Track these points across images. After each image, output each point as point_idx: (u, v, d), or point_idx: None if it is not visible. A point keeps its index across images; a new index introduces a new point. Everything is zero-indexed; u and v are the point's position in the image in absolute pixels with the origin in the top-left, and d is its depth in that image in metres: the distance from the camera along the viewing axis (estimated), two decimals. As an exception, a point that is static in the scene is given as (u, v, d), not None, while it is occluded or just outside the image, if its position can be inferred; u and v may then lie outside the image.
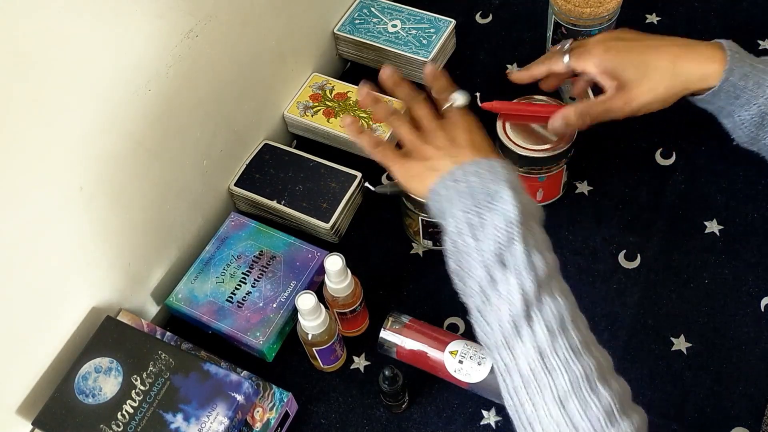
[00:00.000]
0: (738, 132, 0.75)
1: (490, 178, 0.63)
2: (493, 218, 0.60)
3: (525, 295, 0.58)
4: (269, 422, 0.77)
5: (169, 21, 0.78)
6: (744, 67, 0.71)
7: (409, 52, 1.05)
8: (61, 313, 0.78)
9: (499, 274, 0.59)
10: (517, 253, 0.59)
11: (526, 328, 0.57)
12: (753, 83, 0.71)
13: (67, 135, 0.70)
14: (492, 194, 0.61)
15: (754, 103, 0.71)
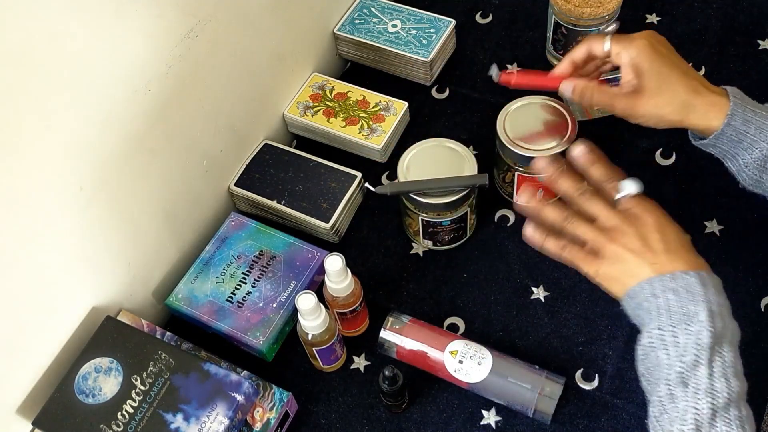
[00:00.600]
0: (742, 175, 0.77)
1: (688, 297, 0.64)
2: (686, 340, 0.62)
3: (698, 419, 0.59)
4: (269, 422, 0.77)
5: (169, 21, 0.78)
6: (746, 113, 0.73)
7: (409, 52, 1.05)
8: (62, 313, 0.78)
9: (680, 392, 0.61)
10: (700, 376, 0.61)
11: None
12: (755, 128, 0.73)
13: (67, 135, 0.70)
14: (689, 316, 0.63)
15: (756, 147, 0.73)
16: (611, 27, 0.78)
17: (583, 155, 0.74)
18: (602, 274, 0.70)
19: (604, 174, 0.73)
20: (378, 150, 0.99)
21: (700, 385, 0.60)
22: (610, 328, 0.84)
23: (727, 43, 1.06)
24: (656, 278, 0.65)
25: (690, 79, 0.76)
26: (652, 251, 0.67)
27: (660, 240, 0.68)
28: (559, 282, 0.88)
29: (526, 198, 0.75)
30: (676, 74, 0.76)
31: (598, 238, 0.70)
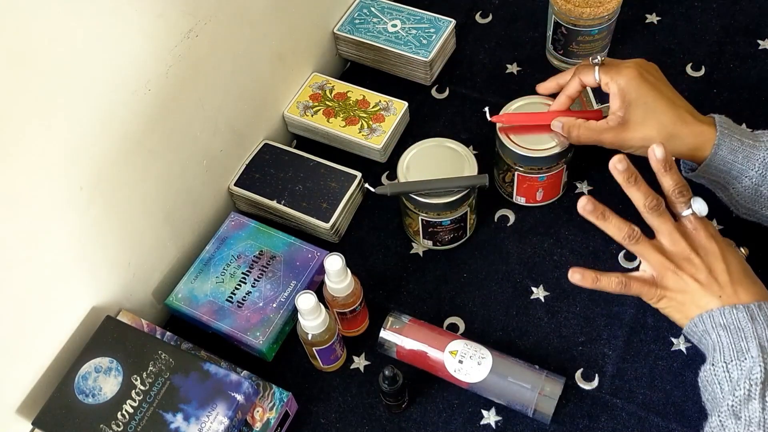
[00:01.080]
0: (735, 205, 0.77)
1: (746, 334, 0.64)
2: (740, 373, 0.63)
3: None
4: (269, 422, 0.77)
5: (169, 21, 0.78)
6: (732, 142, 0.73)
7: (409, 52, 1.05)
8: (61, 313, 0.78)
9: (731, 424, 0.61)
10: (752, 409, 0.61)
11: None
12: (742, 157, 0.73)
13: (66, 135, 0.70)
14: (743, 351, 0.63)
15: (745, 176, 0.73)
16: (598, 59, 0.79)
17: (660, 158, 0.71)
18: (666, 305, 0.70)
19: (677, 184, 0.71)
20: (378, 150, 0.99)
21: (752, 418, 0.60)
22: (610, 328, 0.84)
23: (727, 43, 1.06)
24: (718, 311, 0.66)
25: (677, 109, 0.76)
26: (718, 283, 0.68)
27: (725, 271, 0.68)
28: (559, 282, 0.88)
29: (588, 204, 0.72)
30: (662, 104, 0.76)
31: (664, 264, 0.70)
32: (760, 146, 0.73)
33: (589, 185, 0.95)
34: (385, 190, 0.86)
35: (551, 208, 0.94)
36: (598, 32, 0.99)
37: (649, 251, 0.71)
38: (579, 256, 0.90)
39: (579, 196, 0.95)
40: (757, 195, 0.73)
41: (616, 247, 0.90)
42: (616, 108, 0.78)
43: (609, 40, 1.03)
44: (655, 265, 0.71)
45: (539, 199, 0.93)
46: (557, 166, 0.88)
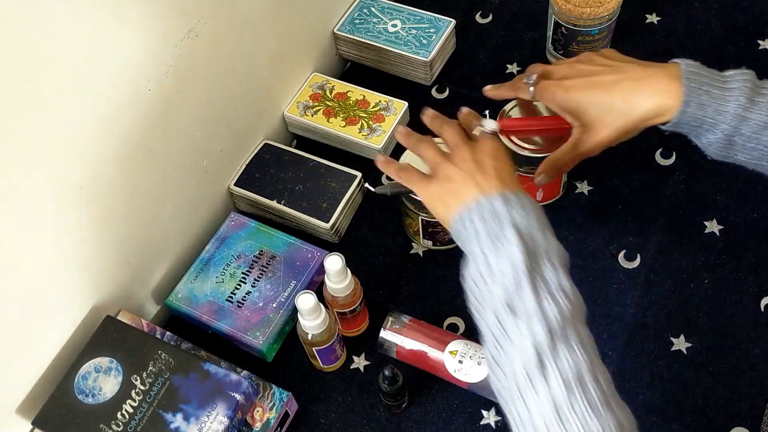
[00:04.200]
0: (709, 151, 0.75)
1: (501, 217, 0.61)
2: (500, 263, 0.59)
3: (537, 345, 0.55)
4: (269, 422, 0.77)
5: (169, 21, 0.78)
6: (701, 96, 0.70)
7: (409, 52, 1.05)
8: (61, 313, 0.78)
9: (510, 322, 0.57)
10: (526, 299, 0.57)
11: (539, 379, 0.55)
12: (712, 111, 0.70)
13: (66, 135, 0.70)
14: (499, 236, 0.60)
15: (716, 128, 0.71)
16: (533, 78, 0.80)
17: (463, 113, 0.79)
18: (430, 194, 0.70)
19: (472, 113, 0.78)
20: (378, 150, 0.99)
21: (529, 309, 0.57)
22: (610, 328, 0.85)
23: (727, 43, 1.06)
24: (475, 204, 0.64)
25: (623, 83, 0.73)
26: (481, 172, 0.67)
27: (492, 165, 0.68)
28: (559, 282, 0.88)
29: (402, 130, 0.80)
30: (606, 92, 0.74)
31: (437, 158, 0.71)
32: (729, 98, 0.69)
33: (589, 185, 0.95)
34: (385, 190, 0.85)
35: (551, 208, 0.94)
36: (598, 32, 0.99)
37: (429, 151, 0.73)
38: (579, 256, 0.90)
39: (579, 196, 0.95)
40: (730, 144, 0.71)
41: (616, 247, 0.90)
42: (570, 120, 0.77)
43: (609, 40, 1.03)
44: (431, 160, 0.72)
45: (540, 199, 0.93)
46: None
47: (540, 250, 0.60)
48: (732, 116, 0.69)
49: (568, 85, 0.76)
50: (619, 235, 0.91)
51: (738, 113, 0.69)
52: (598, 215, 0.93)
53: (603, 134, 0.75)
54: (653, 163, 0.96)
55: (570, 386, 0.54)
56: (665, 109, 0.72)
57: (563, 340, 0.56)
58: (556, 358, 0.55)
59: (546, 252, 0.60)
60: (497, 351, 0.58)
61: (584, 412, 0.53)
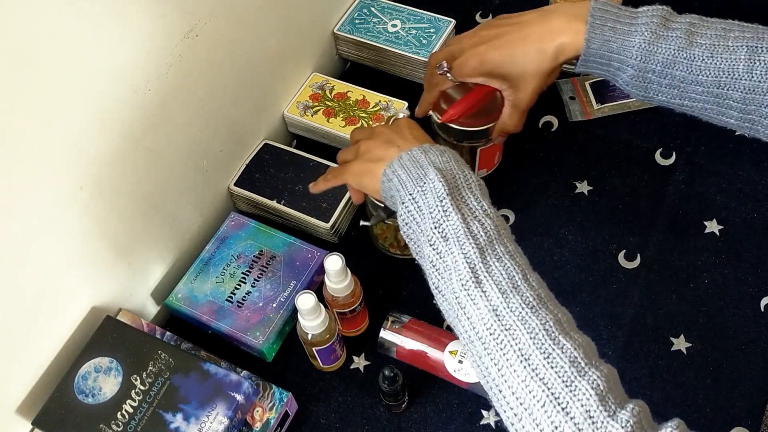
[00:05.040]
0: (631, 92, 0.73)
1: (421, 163, 0.65)
2: (426, 198, 0.63)
3: (469, 262, 0.58)
4: (269, 422, 0.77)
5: (169, 21, 0.78)
6: (605, 33, 0.70)
7: (409, 52, 1.05)
8: (61, 313, 0.78)
9: (443, 247, 0.61)
10: (453, 222, 0.60)
11: (477, 291, 0.58)
12: (617, 46, 0.70)
13: (66, 135, 0.70)
14: (422, 177, 0.64)
15: (626, 65, 0.70)
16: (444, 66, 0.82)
17: None
18: (354, 171, 0.71)
19: None
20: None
21: (458, 231, 0.60)
22: (610, 328, 0.85)
23: (727, 43, 1.06)
24: (397, 158, 0.67)
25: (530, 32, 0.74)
26: (401, 137, 0.70)
27: (410, 133, 0.71)
28: (559, 282, 0.88)
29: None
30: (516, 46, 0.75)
31: (362, 137, 0.74)
32: (635, 31, 0.69)
33: (589, 185, 0.95)
34: (380, 218, 0.83)
35: (551, 208, 0.94)
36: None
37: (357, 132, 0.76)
38: (579, 256, 0.90)
39: (579, 196, 0.95)
40: (646, 81, 0.70)
41: (616, 247, 0.90)
42: (498, 84, 0.79)
43: (609, 40, 1.03)
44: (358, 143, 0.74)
45: (497, 161, 0.97)
46: None
47: (461, 183, 0.64)
48: (637, 50, 0.69)
49: (481, 52, 0.78)
50: (619, 235, 0.91)
51: (643, 47, 0.68)
52: (598, 215, 0.93)
53: (531, 84, 0.77)
54: (653, 163, 0.96)
55: (505, 291, 0.57)
56: (571, 46, 0.72)
57: (493, 254, 0.59)
58: (489, 269, 0.58)
59: (467, 185, 0.64)
60: (437, 276, 0.62)
61: (522, 312, 0.56)
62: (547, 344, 0.54)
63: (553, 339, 0.54)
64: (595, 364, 0.53)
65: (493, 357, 0.56)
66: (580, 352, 0.54)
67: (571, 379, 0.52)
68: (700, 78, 0.68)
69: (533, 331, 0.55)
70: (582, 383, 0.52)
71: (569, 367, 0.53)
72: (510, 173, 0.98)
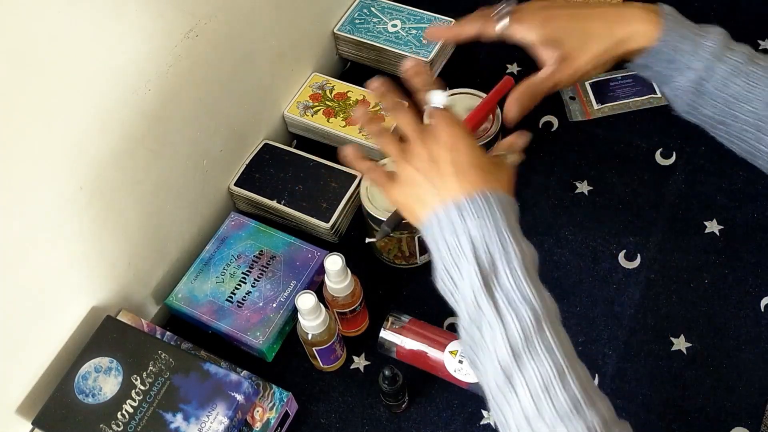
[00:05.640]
0: (677, 101, 0.72)
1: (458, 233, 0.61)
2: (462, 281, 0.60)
3: (502, 362, 0.56)
4: (269, 422, 0.77)
5: (169, 20, 0.78)
6: (679, 30, 0.70)
7: (409, 52, 1.05)
8: (62, 313, 0.78)
9: (477, 336, 0.58)
10: (488, 318, 0.58)
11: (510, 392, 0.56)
12: (690, 45, 0.69)
13: (66, 135, 0.70)
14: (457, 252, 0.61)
15: (690, 67, 0.69)
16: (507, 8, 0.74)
17: (407, 65, 0.70)
18: (398, 202, 0.68)
19: (423, 83, 0.69)
20: (378, 149, 0.98)
21: (493, 326, 0.57)
22: (610, 328, 0.84)
23: (727, 43, 1.06)
24: (429, 219, 0.63)
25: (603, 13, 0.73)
26: (439, 172, 0.64)
27: (449, 160, 0.64)
28: (559, 282, 0.88)
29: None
30: (588, 20, 0.73)
31: (398, 156, 0.67)
32: (708, 36, 0.69)
33: (589, 185, 0.95)
34: (385, 231, 0.82)
35: (551, 208, 0.94)
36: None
37: (390, 146, 0.68)
38: (579, 256, 0.90)
39: (579, 196, 0.95)
40: (700, 91, 0.70)
41: (616, 247, 0.90)
42: (547, 54, 0.74)
43: (609, 40, 1.03)
44: (394, 157, 0.68)
45: None
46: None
47: (499, 258, 0.59)
48: (709, 53, 0.68)
49: (549, 15, 0.74)
50: (619, 235, 0.91)
51: (715, 52, 0.68)
52: (598, 215, 0.93)
53: (581, 60, 0.73)
54: (653, 163, 0.96)
55: (538, 396, 0.55)
56: (644, 35, 0.71)
57: (528, 350, 0.56)
58: (522, 369, 0.56)
59: (506, 260, 0.59)
60: (474, 358, 0.60)
61: (553, 420, 0.54)
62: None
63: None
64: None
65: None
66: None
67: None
68: (751, 95, 0.68)
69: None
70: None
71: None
72: (510, 173, 0.98)
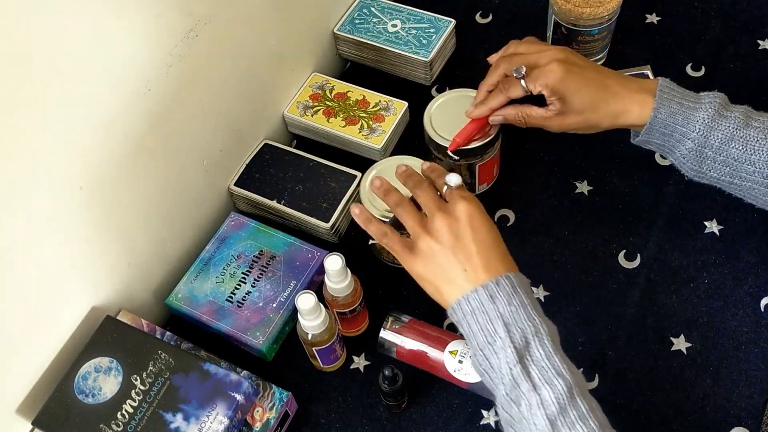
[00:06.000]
0: (684, 168, 0.78)
1: (491, 316, 0.64)
2: (498, 360, 0.63)
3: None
4: (269, 422, 0.77)
5: (169, 21, 0.78)
6: (672, 105, 0.75)
7: (409, 52, 1.05)
8: (61, 313, 0.78)
9: (516, 412, 0.62)
10: (525, 392, 0.61)
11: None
12: (682, 119, 0.75)
13: (66, 135, 0.70)
14: (491, 334, 0.64)
15: (687, 138, 0.75)
16: (521, 71, 0.80)
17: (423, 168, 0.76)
18: (421, 276, 0.69)
19: (434, 170, 0.75)
20: (378, 150, 0.99)
21: (530, 400, 0.60)
22: (610, 328, 0.84)
23: (727, 43, 1.06)
24: (458, 302, 0.66)
25: (609, 88, 0.78)
26: (465, 253, 0.67)
27: (472, 238, 0.67)
28: (559, 282, 0.88)
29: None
30: (595, 89, 0.78)
31: (415, 227, 0.70)
32: (699, 107, 0.74)
33: (589, 185, 0.95)
34: None
35: (551, 208, 0.94)
36: (598, 32, 0.99)
37: (407, 216, 0.71)
38: (579, 256, 0.90)
39: (579, 196, 0.95)
40: (702, 157, 0.75)
41: (616, 247, 0.90)
42: (554, 101, 0.80)
43: (609, 40, 1.03)
44: (410, 229, 0.71)
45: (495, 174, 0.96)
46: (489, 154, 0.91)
47: (530, 337, 0.63)
48: (701, 125, 0.74)
49: (569, 69, 0.79)
50: (619, 235, 0.91)
51: (706, 122, 0.73)
52: (598, 215, 0.93)
53: (574, 121, 0.80)
54: (653, 163, 0.96)
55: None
56: (637, 115, 0.77)
57: (564, 421, 0.60)
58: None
59: (537, 338, 0.63)
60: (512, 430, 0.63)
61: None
62: None
63: None
64: None
65: None
66: None
67: None
68: (753, 158, 0.73)
69: None
70: None
71: None
72: (510, 173, 0.98)
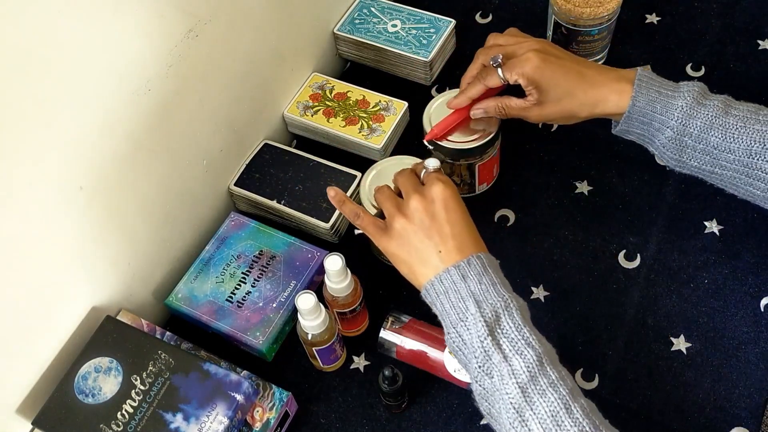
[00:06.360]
0: (665, 157, 0.78)
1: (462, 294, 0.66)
2: (469, 335, 0.64)
3: (514, 403, 0.61)
4: (269, 422, 0.77)
5: (169, 21, 0.78)
6: (650, 94, 0.75)
7: (409, 52, 1.05)
8: (61, 313, 0.78)
9: (489, 384, 0.63)
10: (496, 363, 0.62)
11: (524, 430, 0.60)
12: (660, 107, 0.74)
13: (66, 134, 0.70)
14: (462, 311, 0.65)
15: (666, 126, 0.74)
16: (498, 60, 0.80)
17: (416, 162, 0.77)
18: (395, 255, 0.71)
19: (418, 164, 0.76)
20: (378, 150, 0.99)
21: (501, 370, 0.62)
22: (610, 328, 0.85)
23: (727, 43, 1.06)
24: (431, 282, 0.68)
25: (587, 78, 0.78)
26: (440, 234, 0.69)
27: (447, 221, 0.69)
28: (559, 282, 0.88)
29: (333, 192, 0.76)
30: (572, 77, 0.78)
31: (390, 209, 0.72)
32: (678, 95, 0.74)
33: (589, 185, 0.95)
34: None
35: (551, 208, 0.94)
36: (598, 32, 0.99)
37: (382, 197, 0.73)
38: (579, 256, 0.90)
39: (579, 196, 0.95)
40: (681, 145, 0.75)
41: (616, 247, 0.90)
42: (531, 92, 0.80)
43: (609, 40, 1.03)
44: (386, 210, 0.72)
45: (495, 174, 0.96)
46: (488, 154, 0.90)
47: (500, 311, 0.64)
48: (679, 113, 0.73)
49: (545, 58, 0.79)
50: (619, 235, 0.91)
51: (685, 110, 0.73)
52: (598, 215, 0.93)
53: (552, 111, 0.80)
54: (653, 163, 0.96)
55: (549, 429, 0.59)
56: (615, 104, 0.77)
57: (536, 389, 0.61)
58: (533, 407, 0.60)
59: (507, 312, 0.65)
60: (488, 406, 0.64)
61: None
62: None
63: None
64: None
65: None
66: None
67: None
68: (732, 146, 0.72)
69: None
70: None
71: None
72: (510, 173, 0.98)
